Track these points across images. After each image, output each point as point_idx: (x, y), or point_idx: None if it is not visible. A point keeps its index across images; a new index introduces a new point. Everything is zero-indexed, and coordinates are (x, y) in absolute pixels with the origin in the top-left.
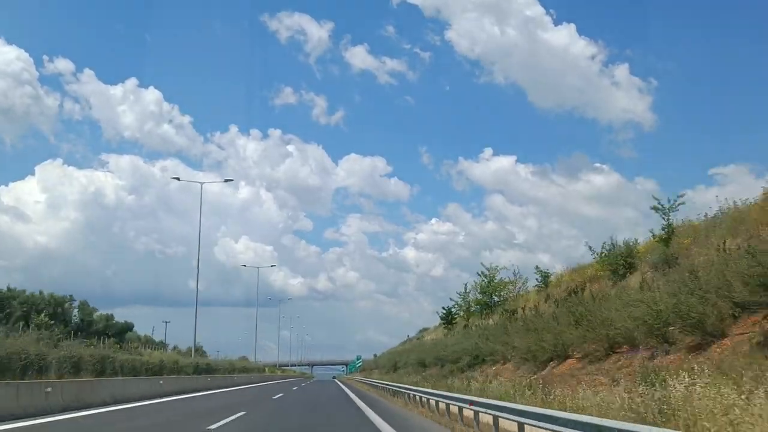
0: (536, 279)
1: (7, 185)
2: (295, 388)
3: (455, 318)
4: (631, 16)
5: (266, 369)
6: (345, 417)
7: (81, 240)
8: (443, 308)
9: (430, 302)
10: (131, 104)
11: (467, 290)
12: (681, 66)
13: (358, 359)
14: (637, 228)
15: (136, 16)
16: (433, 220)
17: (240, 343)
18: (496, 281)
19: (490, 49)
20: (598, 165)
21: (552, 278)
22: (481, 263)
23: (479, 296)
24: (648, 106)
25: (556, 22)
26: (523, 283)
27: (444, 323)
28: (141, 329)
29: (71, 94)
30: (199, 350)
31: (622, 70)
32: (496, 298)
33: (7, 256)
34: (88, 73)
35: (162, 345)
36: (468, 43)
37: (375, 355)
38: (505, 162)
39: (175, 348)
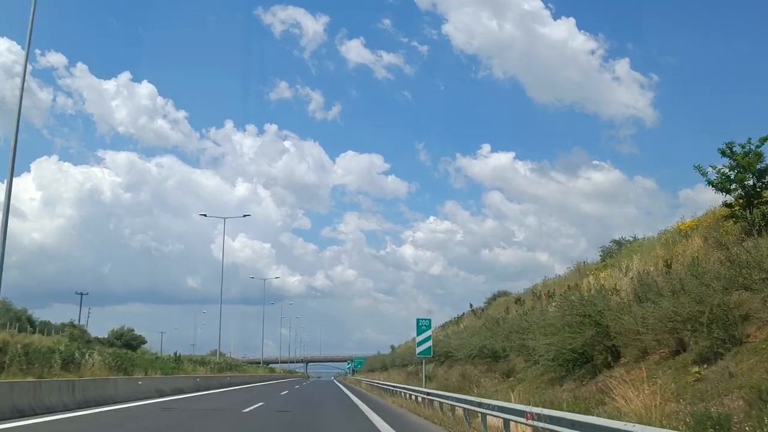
0: None
1: (2, 182)
2: None
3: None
4: (631, 10)
5: (173, 366)
6: None
7: (77, 237)
8: (730, 157)
9: (428, 300)
10: (125, 99)
11: None
12: (682, 61)
13: (427, 340)
14: (636, 227)
15: (129, 9)
16: (432, 218)
17: (238, 341)
18: None
19: (487, 43)
20: (597, 162)
21: None
22: None
23: None
24: (649, 102)
25: (555, 16)
26: None
27: (739, 207)
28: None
29: (64, 88)
30: (124, 333)
31: (622, 65)
32: None
33: None
34: (81, 67)
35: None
36: (465, 37)
37: (392, 347)
38: (504, 158)
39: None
